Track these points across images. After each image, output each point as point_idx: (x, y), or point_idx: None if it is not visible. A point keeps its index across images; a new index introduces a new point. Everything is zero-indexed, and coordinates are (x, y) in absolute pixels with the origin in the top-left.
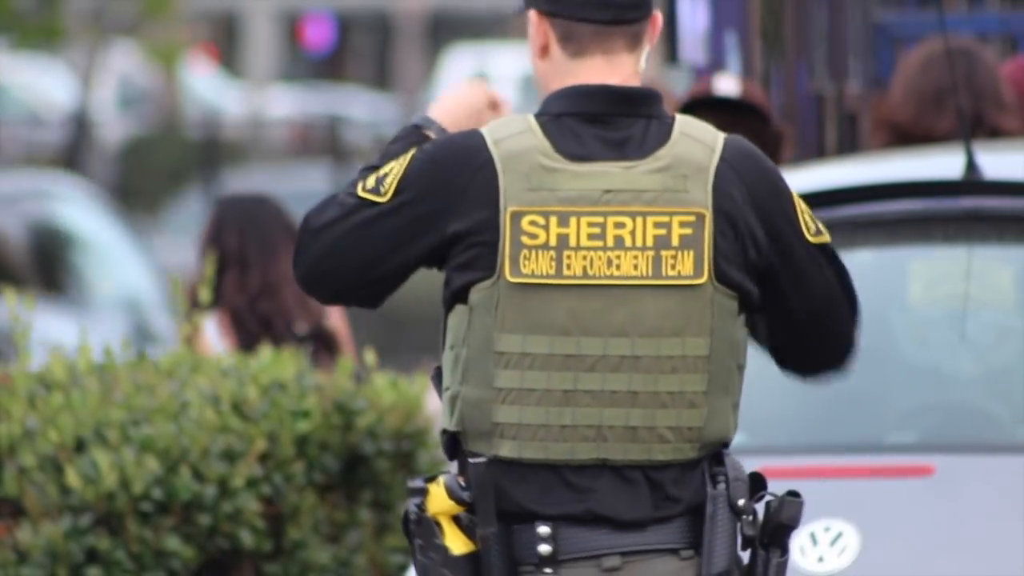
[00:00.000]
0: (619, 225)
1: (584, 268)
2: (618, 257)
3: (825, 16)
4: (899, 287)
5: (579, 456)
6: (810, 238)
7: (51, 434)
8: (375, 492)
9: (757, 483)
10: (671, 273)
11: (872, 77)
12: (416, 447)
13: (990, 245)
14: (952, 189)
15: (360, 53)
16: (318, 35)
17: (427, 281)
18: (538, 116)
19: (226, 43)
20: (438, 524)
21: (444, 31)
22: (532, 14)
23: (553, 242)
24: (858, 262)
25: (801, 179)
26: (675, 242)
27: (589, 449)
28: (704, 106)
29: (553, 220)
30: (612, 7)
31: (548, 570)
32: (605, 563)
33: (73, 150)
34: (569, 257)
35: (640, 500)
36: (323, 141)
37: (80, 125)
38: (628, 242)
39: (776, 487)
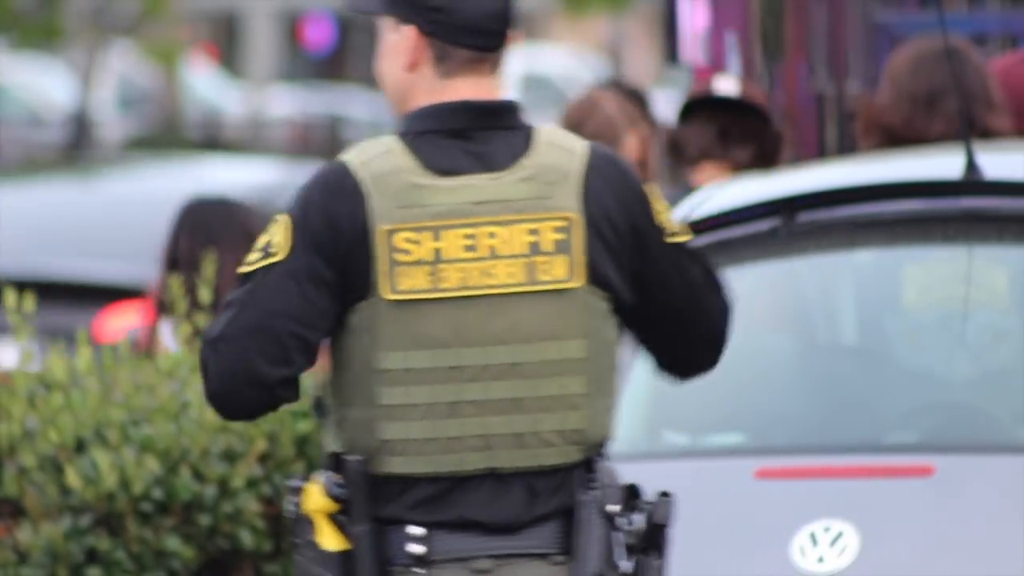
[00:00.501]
0: (491, 235)
1: (460, 280)
2: (492, 267)
3: (825, 16)
4: (899, 287)
5: (467, 467)
6: (670, 239)
7: (51, 434)
8: None
9: (632, 493)
10: (545, 278)
11: (872, 77)
12: None
13: (990, 245)
14: (952, 189)
15: (360, 53)
16: (318, 35)
17: None
18: (401, 135)
19: (226, 43)
20: (313, 522)
21: None
22: (407, 29)
23: (428, 257)
24: (857, 262)
25: (801, 179)
26: (547, 248)
27: (477, 459)
28: (704, 106)
29: (426, 235)
30: (489, 35)
31: (420, 571)
32: (475, 565)
33: (73, 150)
34: (445, 270)
35: (513, 505)
36: (323, 141)
37: (80, 125)
38: (501, 251)
39: (776, 487)
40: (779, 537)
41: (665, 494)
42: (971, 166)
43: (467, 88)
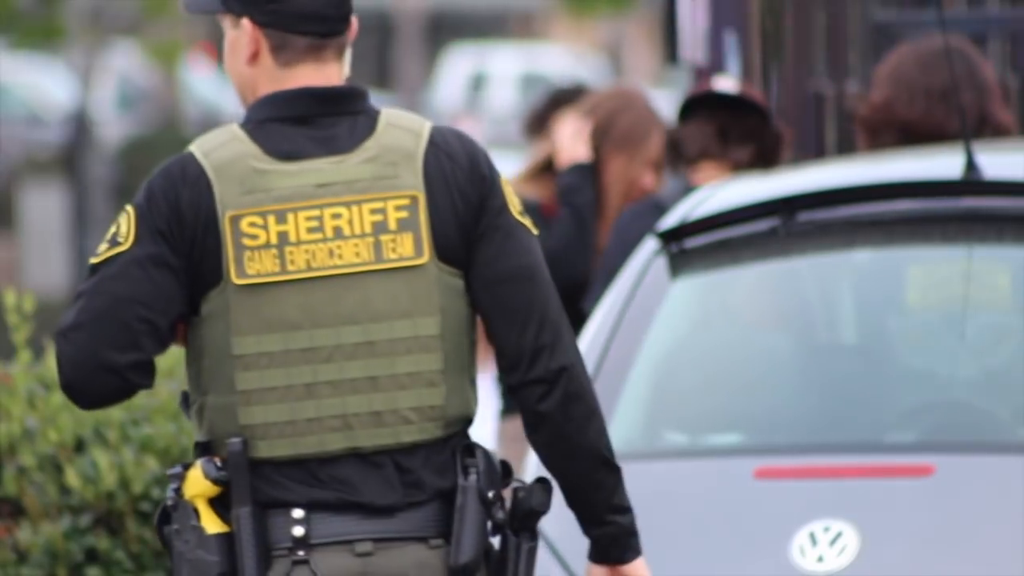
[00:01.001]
0: (336, 216)
1: (307, 261)
2: (339, 247)
3: (825, 16)
4: (899, 287)
5: (329, 447)
6: (516, 215)
7: (51, 434)
8: None
9: (504, 471)
10: (392, 256)
11: (872, 77)
12: None
13: (990, 245)
14: (952, 189)
15: (360, 53)
16: None
17: None
18: (243, 124)
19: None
20: (194, 507)
21: (444, 31)
22: (244, 22)
23: (274, 240)
24: (858, 262)
25: (801, 179)
26: (392, 226)
27: (338, 439)
28: (703, 106)
29: (271, 219)
30: (327, 21)
31: (301, 553)
32: (358, 548)
33: (73, 150)
34: (291, 253)
35: (389, 486)
36: None
37: (80, 125)
38: (347, 231)
39: (776, 487)
40: (779, 537)
41: (543, 480)
42: (971, 166)
43: (309, 75)
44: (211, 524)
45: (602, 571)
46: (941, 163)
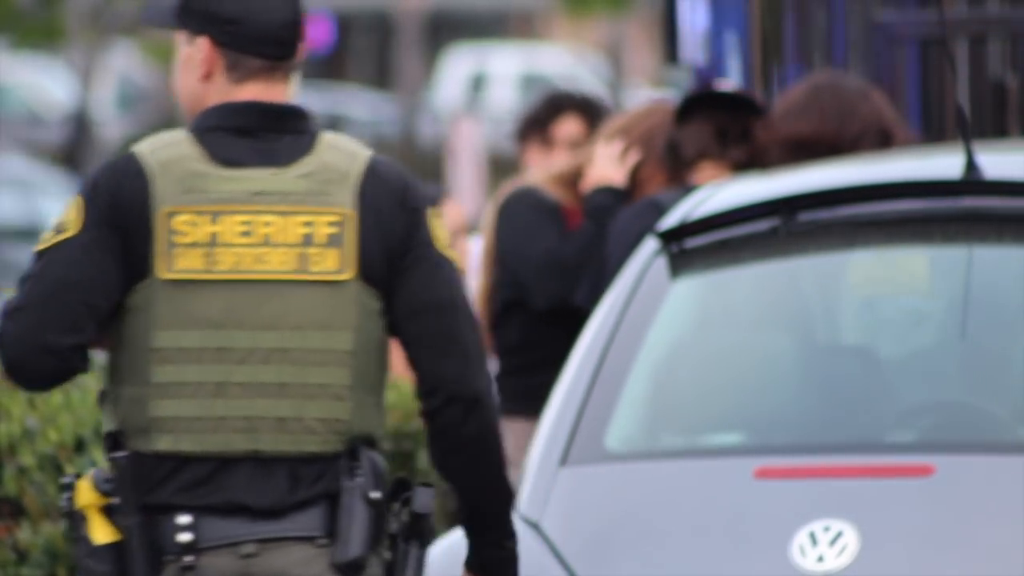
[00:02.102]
0: (267, 224)
1: (234, 264)
2: (266, 254)
3: (825, 16)
4: (898, 287)
5: (233, 447)
6: (442, 249)
7: (51, 434)
8: None
9: (402, 486)
10: (316, 269)
11: (872, 77)
12: (416, 447)
13: (990, 245)
14: (952, 189)
15: (360, 53)
16: (318, 35)
17: None
18: (191, 130)
19: None
20: (84, 516)
21: (444, 31)
22: (201, 40)
23: (204, 239)
24: (858, 262)
25: (801, 179)
26: (320, 240)
27: (241, 441)
28: (702, 107)
29: (205, 219)
30: (281, 45)
31: (189, 558)
32: (242, 550)
33: (73, 149)
34: (220, 254)
35: (278, 490)
36: None
37: (80, 124)
38: (276, 239)
39: (776, 487)
40: (779, 537)
41: (427, 484)
42: (971, 166)
43: (257, 92)
44: (101, 534)
45: None
46: (941, 163)
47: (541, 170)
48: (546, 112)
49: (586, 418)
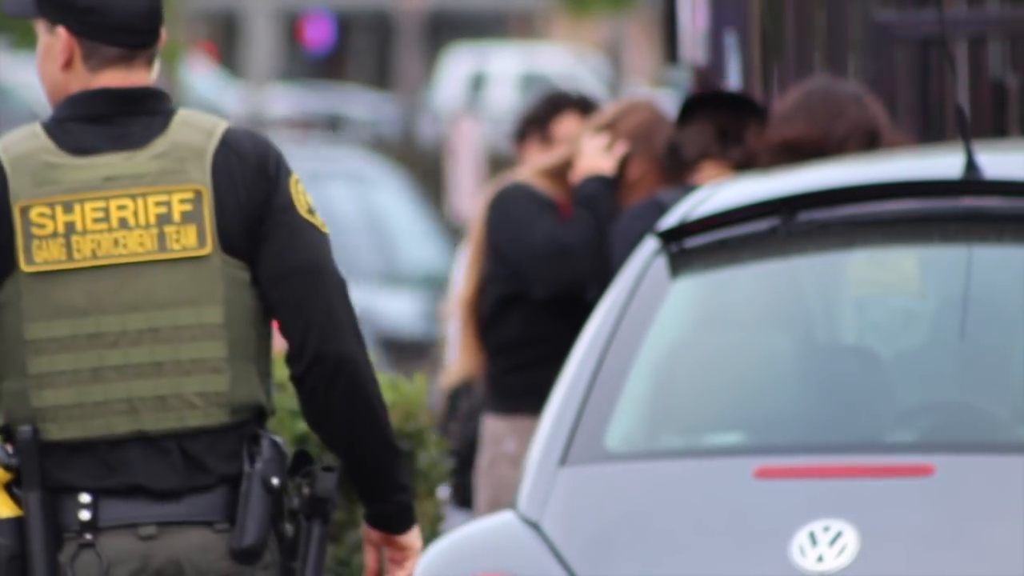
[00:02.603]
0: (121, 207)
1: (93, 250)
2: (124, 237)
3: (825, 16)
4: (897, 286)
5: (116, 430)
6: (304, 214)
7: None
8: None
9: (302, 460)
10: (176, 247)
11: (872, 77)
12: (415, 447)
13: (990, 245)
14: (952, 189)
15: (360, 53)
16: (318, 34)
17: None
18: (44, 123)
19: (226, 42)
20: None
21: (444, 31)
22: (60, 30)
23: (61, 230)
24: (858, 262)
25: (801, 179)
26: (176, 218)
27: (125, 422)
28: (702, 107)
29: (59, 209)
30: (138, 33)
31: (88, 536)
32: (142, 531)
33: None
34: (78, 242)
35: (174, 471)
36: (322, 141)
37: None
38: (132, 222)
39: (776, 486)
40: (778, 537)
41: (329, 468)
42: (971, 166)
43: (115, 80)
44: (3, 508)
45: (378, 535)
46: (941, 163)
47: (529, 166)
48: (545, 111)
49: (586, 418)
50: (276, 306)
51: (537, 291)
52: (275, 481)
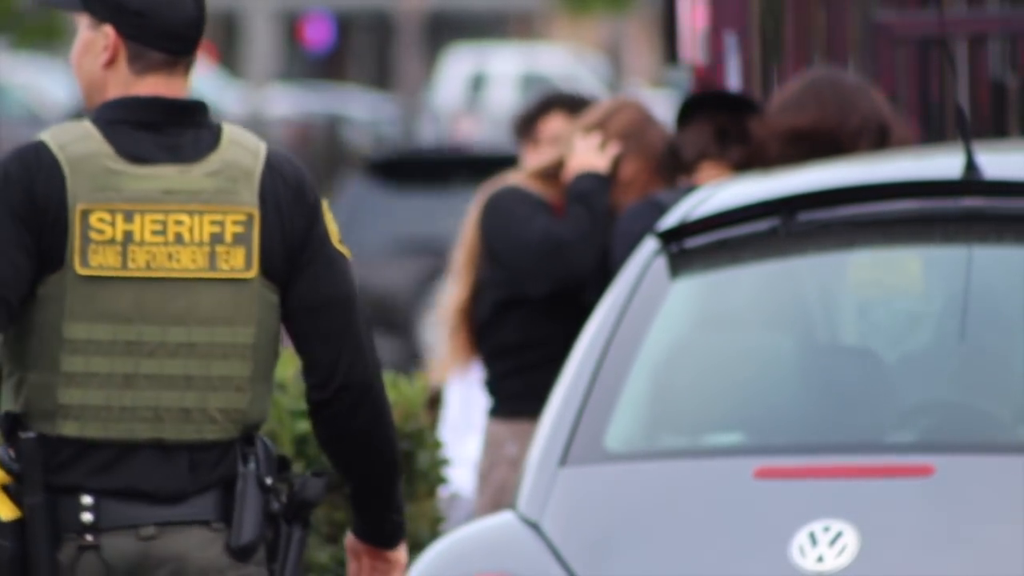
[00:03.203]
0: (179, 222)
1: (147, 262)
2: (178, 252)
3: (825, 16)
4: (897, 286)
5: (137, 436)
6: (336, 243)
7: None
8: None
9: (282, 464)
10: (224, 267)
11: (872, 77)
12: (415, 447)
13: (990, 245)
14: (952, 189)
15: (360, 53)
16: (318, 34)
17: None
18: (95, 122)
19: (225, 42)
20: None
21: (444, 31)
22: (107, 28)
23: (119, 237)
24: (858, 262)
25: (801, 179)
26: (228, 239)
27: (147, 429)
28: (701, 108)
29: (119, 217)
30: (185, 41)
31: (90, 537)
32: (142, 532)
33: None
34: (134, 251)
35: (179, 476)
36: (322, 140)
37: None
38: (187, 238)
39: (776, 487)
40: (778, 537)
41: (318, 473)
42: (971, 166)
43: (158, 85)
44: (5, 510)
45: (365, 547)
46: (941, 163)
47: (521, 169)
48: (534, 111)
49: (586, 418)
50: (306, 334)
51: (534, 289)
52: (268, 480)
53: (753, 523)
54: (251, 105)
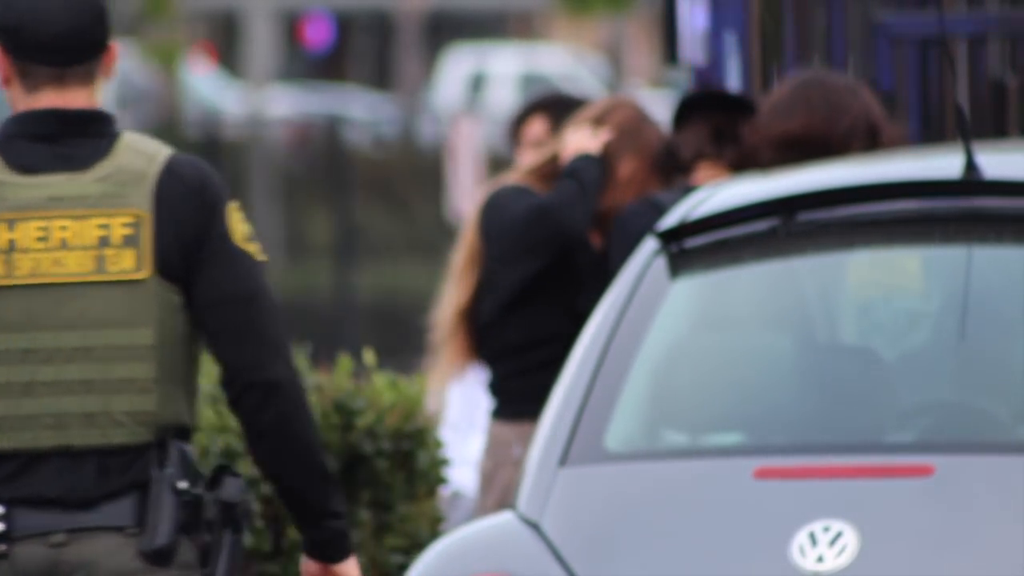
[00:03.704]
0: (63, 228)
1: (32, 269)
2: (64, 257)
3: (825, 16)
4: (897, 286)
5: (42, 443)
6: (240, 242)
7: None
8: (374, 492)
9: (221, 472)
10: (113, 269)
11: (872, 77)
12: (416, 447)
13: (990, 245)
14: (952, 189)
15: (360, 53)
16: (317, 35)
17: (428, 281)
18: None
19: (225, 43)
20: None
21: (444, 31)
22: None
23: (3, 246)
24: (858, 262)
25: (801, 179)
26: (116, 241)
27: (51, 436)
28: (699, 108)
29: (2, 227)
30: (66, 52)
31: (2, 547)
32: (52, 539)
33: None
34: (19, 259)
35: (86, 482)
36: (322, 141)
37: None
38: (72, 243)
39: (775, 487)
40: (778, 537)
41: (234, 473)
42: (971, 166)
43: (52, 98)
44: None
45: (316, 567)
46: (941, 163)
47: (517, 168)
48: (521, 114)
49: (586, 418)
50: (210, 332)
51: (528, 265)
52: (182, 485)
53: (753, 523)
54: (251, 105)
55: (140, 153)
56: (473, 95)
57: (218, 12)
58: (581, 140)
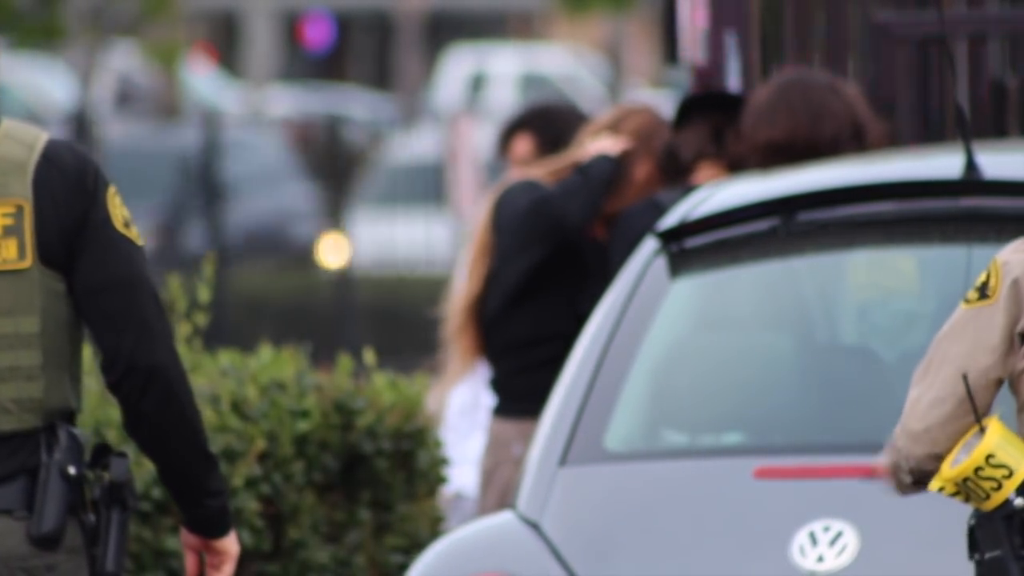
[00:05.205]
0: None
1: None
2: None
3: (825, 16)
4: (897, 286)
5: None
6: (119, 227)
7: None
8: (374, 492)
9: (103, 451)
10: None
11: (872, 77)
12: (416, 447)
13: (990, 245)
14: (951, 189)
15: (360, 53)
16: (317, 34)
17: (428, 282)
18: None
19: (225, 42)
20: None
21: (444, 31)
22: None
23: None
24: (857, 262)
25: (800, 179)
26: None
27: None
28: (699, 109)
29: None
30: None
31: None
32: None
33: None
34: None
35: None
36: (322, 141)
37: (80, 124)
38: None
39: (776, 486)
40: (779, 536)
41: (121, 454)
42: (970, 166)
43: None
44: None
45: (196, 540)
46: (941, 163)
47: (537, 166)
48: (506, 131)
49: (586, 418)
50: (90, 317)
51: (529, 256)
52: (72, 470)
53: (753, 523)
54: (251, 105)
55: (18, 142)
56: (473, 95)
57: (218, 12)
58: (603, 143)
